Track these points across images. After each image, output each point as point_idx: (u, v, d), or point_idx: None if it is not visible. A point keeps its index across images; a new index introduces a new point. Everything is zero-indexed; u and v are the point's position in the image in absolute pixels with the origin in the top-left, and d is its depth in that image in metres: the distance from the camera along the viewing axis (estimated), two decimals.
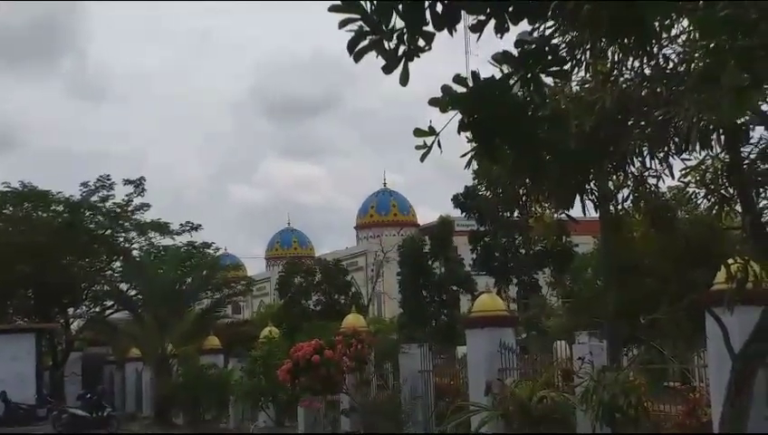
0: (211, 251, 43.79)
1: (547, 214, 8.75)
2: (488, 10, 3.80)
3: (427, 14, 3.78)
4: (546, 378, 13.71)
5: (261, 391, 21.36)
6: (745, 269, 7.44)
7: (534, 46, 3.95)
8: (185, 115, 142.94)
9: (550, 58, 3.98)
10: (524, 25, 3.98)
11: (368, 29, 3.80)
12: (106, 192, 40.65)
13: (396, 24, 3.81)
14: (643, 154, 7.09)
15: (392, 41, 3.83)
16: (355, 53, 3.86)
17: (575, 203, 7.64)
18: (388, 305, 56.41)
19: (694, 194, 7.97)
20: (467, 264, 41.27)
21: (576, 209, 7.91)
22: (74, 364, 38.75)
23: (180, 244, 42.16)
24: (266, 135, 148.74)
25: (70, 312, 43.00)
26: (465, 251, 41.51)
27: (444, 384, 18.20)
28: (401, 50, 3.84)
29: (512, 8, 3.79)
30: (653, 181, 7.60)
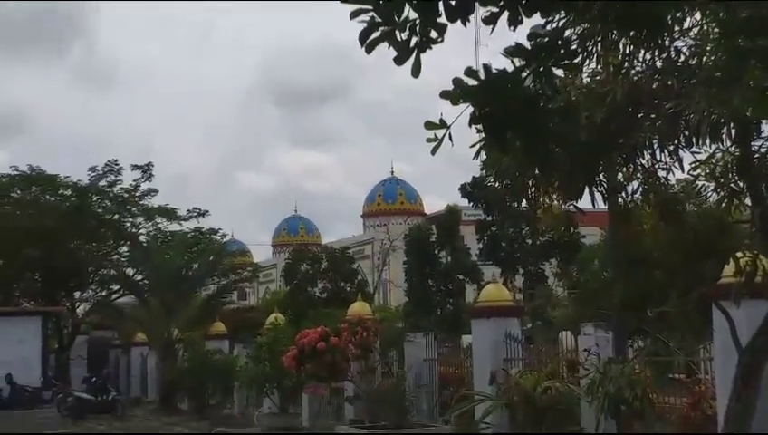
0: (218, 237, 43.86)
1: (555, 205, 8.74)
2: (501, 2, 3.79)
3: (440, 6, 3.76)
4: (551, 369, 13.73)
5: (266, 377, 21.40)
6: (754, 263, 7.43)
7: (547, 39, 3.93)
8: (193, 102, 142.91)
9: (562, 51, 3.97)
10: (537, 18, 3.96)
11: (380, 20, 3.79)
12: (114, 177, 40.72)
13: (408, 15, 3.79)
14: (653, 147, 7.08)
15: (404, 32, 3.82)
16: (367, 45, 3.85)
17: (584, 194, 7.64)
18: (393, 294, 56.45)
19: (703, 187, 7.95)
20: (474, 253, 41.28)
21: (584, 201, 7.91)
22: (80, 348, 38.87)
23: (187, 229, 42.26)
24: (275, 123, 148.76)
25: (76, 295, 43.14)
26: (471, 241, 41.52)
27: (448, 373, 18.24)
28: (413, 41, 3.82)
29: (525, 0, 3.78)
30: (663, 174, 7.59)
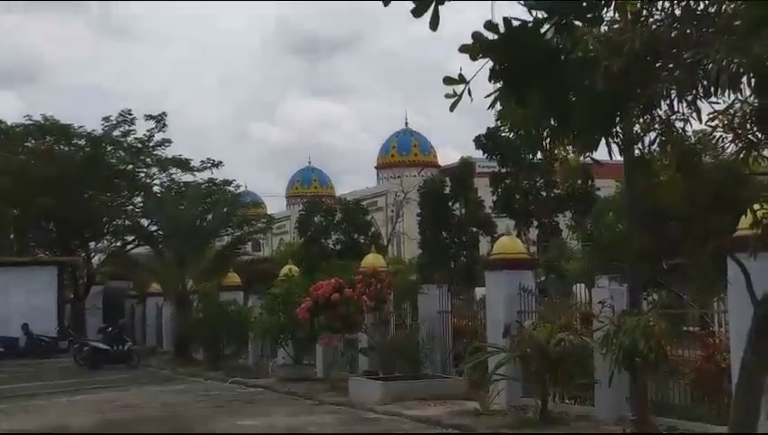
0: (232, 188, 43.85)
1: (571, 157, 8.64)
2: None
3: None
4: (565, 321, 13.74)
5: (280, 328, 21.54)
6: None
7: None
8: (208, 52, 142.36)
9: (584, 4, 3.86)
10: None
11: None
12: (127, 127, 40.68)
13: None
14: (671, 97, 6.96)
15: None
16: None
17: (600, 146, 7.53)
18: (407, 246, 56.54)
19: (721, 138, 7.83)
20: (488, 206, 41.20)
21: (600, 152, 7.80)
22: (95, 298, 39.19)
23: (201, 180, 42.25)
24: (289, 73, 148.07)
25: (91, 246, 43.36)
26: (485, 193, 41.41)
27: (462, 325, 18.28)
28: None
29: None
30: (680, 125, 7.47)
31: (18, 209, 40.20)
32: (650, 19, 6.82)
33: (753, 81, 6.61)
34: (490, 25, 3.77)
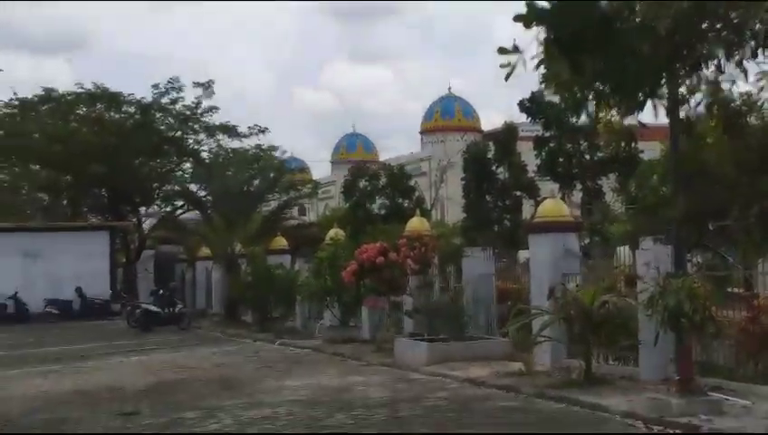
0: (277, 154, 44.25)
1: (616, 119, 8.68)
2: None
3: None
4: (609, 283, 13.79)
5: (326, 290, 21.83)
6: None
7: None
8: (252, 19, 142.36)
9: None
10: None
11: None
12: (176, 94, 41.20)
13: None
14: (718, 58, 6.97)
15: None
16: None
17: (645, 107, 7.57)
18: (451, 210, 56.58)
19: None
20: (531, 169, 41.07)
21: (645, 114, 7.84)
22: (147, 262, 39.90)
23: (248, 147, 42.69)
24: (332, 39, 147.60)
25: (142, 211, 44.11)
26: (529, 157, 41.27)
27: (506, 288, 18.39)
28: None
29: None
30: (726, 86, 7.48)
31: (71, 176, 40.97)
32: None
33: None
34: None
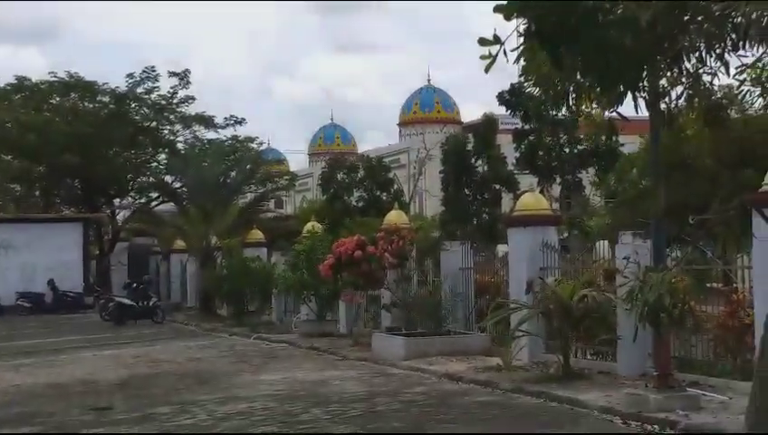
0: (254, 145, 43.95)
1: (596, 112, 8.57)
2: None
3: None
4: (588, 277, 13.73)
5: (303, 284, 21.69)
6: None
7: None
8: (229, 7, 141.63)
9: None
10: None
11: None
12: (151, 84, 40.78)
13: None
14: (699, 50, 6.86)
15: None
16: None
17: (625, 100, 7.45)
18: (429, 203, 56.51)
19: (748, 93, 7.76)
20: (510, 162, 41.04)
21: (625, 107, 7.72)
22: (120, 254, 39.58)
23: (224, 137, 42.39)
24: (311, 29, 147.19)
25: (116, 202, 43.73)
26: (508, 149, 41.23)
27: (484, 282, 18.30)
28: None
29: None
30: (708, 79, 7.38)
31: (44, 166, 40.53)
32: None
33: None
34: None
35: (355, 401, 12.14)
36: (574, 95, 8.42)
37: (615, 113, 7.49)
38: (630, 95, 7.28)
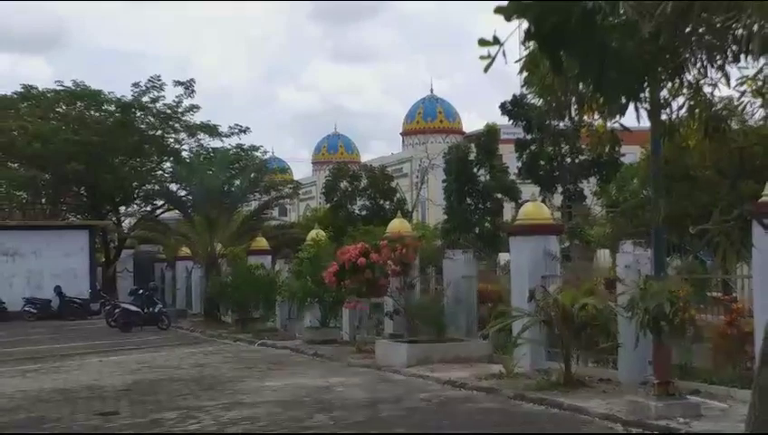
0: (259, 154, 44.13)
1: (599, 123, 8.69)
2: None
3: None
4: (589, 286, 13.84)
5: (307, 291, 21.80)
6: None
7: None
8: (234, 18, 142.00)
9: None
10: None
11: None
12: (156, 93, 40.98)
13: None
14: (702, 61, 6.99)
15: None
16: None
17: (627, 111, 7.57)
18: (432, 212, 56.62)
19: (749, 104, 7.86)
20: (513, 172, 41.18)
21: (626, 118, 7.85)
22: (126, 261, 39.72)
23: (229, 146, 42.57)
24: (315, 39, 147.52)
25: (122, 210, 43.89)
26: (510, 159, 41.39)
27: (486, 290, 18.42)
28: None
29: None
30: (709, 90, 7.51)
31: (50, 174, 40.69)
32: None
33: None
34: None
35: (359, 408, 12.26)
36: (576, 106, 8.57)
37: (617, 124, 7.61)
38: (632, 106, 7.42)
